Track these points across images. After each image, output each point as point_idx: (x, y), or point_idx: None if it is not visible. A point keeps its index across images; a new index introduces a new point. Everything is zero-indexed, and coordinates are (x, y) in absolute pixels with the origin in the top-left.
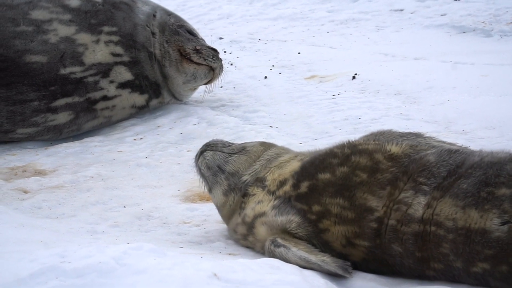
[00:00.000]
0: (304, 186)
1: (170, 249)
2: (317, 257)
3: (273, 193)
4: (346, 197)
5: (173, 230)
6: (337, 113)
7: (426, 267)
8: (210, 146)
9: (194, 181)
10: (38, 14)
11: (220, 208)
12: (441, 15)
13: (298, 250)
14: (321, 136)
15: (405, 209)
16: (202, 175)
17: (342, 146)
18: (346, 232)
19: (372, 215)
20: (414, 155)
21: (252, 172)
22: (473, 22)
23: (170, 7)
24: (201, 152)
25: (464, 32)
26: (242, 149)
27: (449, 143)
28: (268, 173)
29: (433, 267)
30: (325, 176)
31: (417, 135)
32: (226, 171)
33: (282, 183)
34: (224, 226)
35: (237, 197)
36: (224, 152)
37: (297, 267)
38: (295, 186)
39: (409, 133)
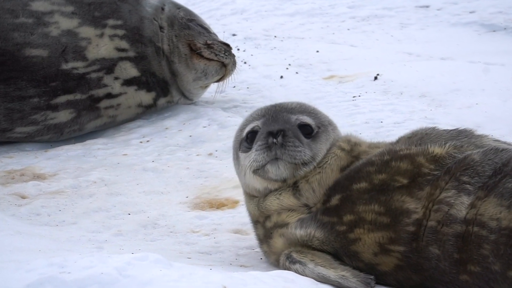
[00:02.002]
0: (335, 199)
1: (177, 260)
2: (336, 273)
3: (308, 207)
4: (382, 203)
5: (181, 239)
6: (357, 116)
7: (462, 270)
8: (287, 155)
9: (203, 188)
10: (38, 5)
11: (243, 178)
12: (470, 12)
13: (315, 267)
14: None
15: (446, 210)
16: (262, 166)
17: (381, 154)
18: (380, 238)
19: (409, 218)
20: (458, 156)
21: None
22: (504, 20)
23: (179, 1)
24: (275, 156)
25: (494, 31)
26: (311, 161)
27: (507, 143)
28: (309, 176)
29: (469, 270)
30: (360, 185)
31: (468, 134)
32: (287, 183)
33: (321, 199)
34: (235, 236)
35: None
36: (296, 164)
37: (313, 280)
38: (325, 201)
39: (459, 132)
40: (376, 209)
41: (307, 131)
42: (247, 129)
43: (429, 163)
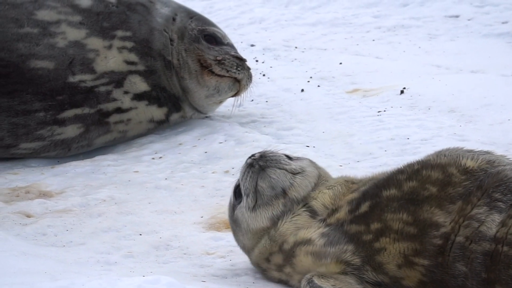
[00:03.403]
0: (365, 206)
1: (191, 283)
2: None
3: (323, 220)
4: (410, 212)
5: (195, 261)
6: (382, 132)
7: None
8: (271, 161)
9: (219, 207)
10: (44, 15)
11: (248, 232)
12: (502, 22)
13: None
14: (363, 158)
15: (476, 226)
16: (255, 191)
17: (411, 164)
18: (405, 249)
19: (437, 230)
20: (491, 170)
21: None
22: None
23: (196, 10)
24: (261, 167)
25: None
26: (302, 171)
27: None
28: (317, 194)
29: None
30: (390, 192)
31: (487, 153)
32: (289, 197)
33: (334, 211)
34: None
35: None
36: (288, 172)
37: None
38: (353, 210)
39: (480, 151)
40: (404, 218)
41: (288, 157)
42: (231, 190)
43: (461, 174)
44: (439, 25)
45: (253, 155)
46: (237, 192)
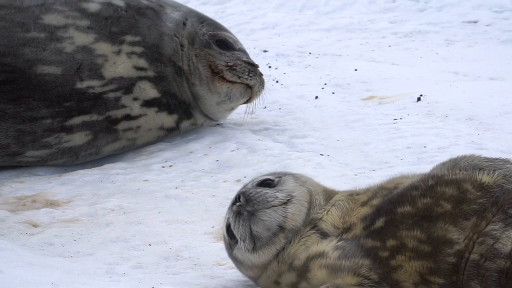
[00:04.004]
0: (380, 222)
1: None
2: None
3: (336, 236)
4: (424, 229)
5: (206, 272)
6: (398, 140)
7: None
8: (258, 203)
9: None
10: (51, 19)
11: (253, 268)
12: None
13: None
14: (379, 167)
15: (491, 243)
16: (251, 236)
17: (425, 179)
18: (420, 268)
19: (451, 248)
20: (507, 186)
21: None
22: None
23: (207, 15)
24: (250, 213)
25: None
26: (290, 198)
27: None
28: (324, 215)
29: None
30: (404, 209)
31: (506, 162)
32: (288, 229)
33: (347, 229)
34: None
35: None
36: (277, 206)
37: None
38: (367, 226)
39: (496, 159)
40: (418, 235)
41: (268, 184)
42: (224, 230)
43: (476, 190)
44: (457, 30)
45: (237, 199)
46: (230, 232)
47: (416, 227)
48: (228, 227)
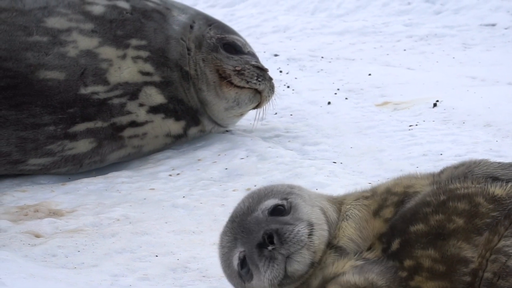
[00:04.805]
0: (395, 244)
1: None
2: None
3: (356, 254)
4: (437, 248)
5: (215, 284)
6: (414, 147)
7: None
8: (293, 245)
9: None
10: (54, 22)
11: None
12: None
13: None
14: (394, 175)
15: (504, 261)
16: (284, 276)
17: (436, 193)
18: None
19: (466, 267)
20: None
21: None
22: None
23: (216, 17)
24: (285, 256)
25: None
26: (311, 226)
27: None
28: (337, 232)
29: None
30: (418, 227)
31: None
32: (316, 262)
33: (367, 247)
34: None
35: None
36: (308, 243)
37: None
38: (385, 249)
39: (511, 165)
40: (432, 254)
41: (280, 211)
42: (234, 261)
43: (488, 203)
44: (475, 34)
45: (269, 241)
46: (243, 267)
47: (430, 246)
48: (241, 259)
